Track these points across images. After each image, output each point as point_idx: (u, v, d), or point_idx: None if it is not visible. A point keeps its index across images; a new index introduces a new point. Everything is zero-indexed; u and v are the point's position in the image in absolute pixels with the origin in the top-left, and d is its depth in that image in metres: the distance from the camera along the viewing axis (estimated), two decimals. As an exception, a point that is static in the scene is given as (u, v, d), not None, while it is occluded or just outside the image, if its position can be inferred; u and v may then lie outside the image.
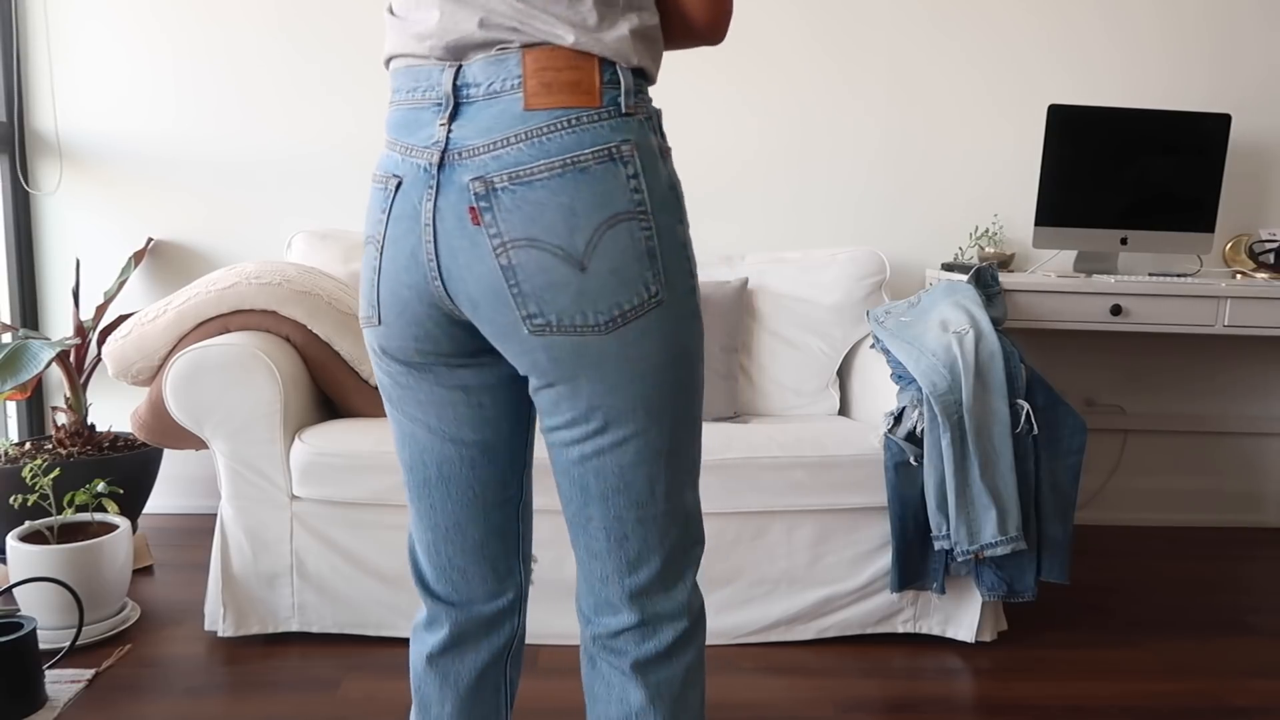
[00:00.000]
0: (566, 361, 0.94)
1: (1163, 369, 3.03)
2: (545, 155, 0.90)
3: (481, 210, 0.91)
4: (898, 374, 2.16)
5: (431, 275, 0.96)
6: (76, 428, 2.50)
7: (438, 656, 1.14)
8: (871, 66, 2.83)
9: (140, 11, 2.71)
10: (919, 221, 2.92)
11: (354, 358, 2.19)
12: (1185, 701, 1.95)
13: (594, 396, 0.96)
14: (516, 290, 0.92)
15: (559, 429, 1.00)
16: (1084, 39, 2.84)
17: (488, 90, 0.91)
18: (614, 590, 1.05)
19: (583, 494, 1.02)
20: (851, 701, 1.90)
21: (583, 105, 0.91)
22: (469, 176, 0.91)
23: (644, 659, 1.05)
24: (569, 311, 0.92)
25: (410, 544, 1.16)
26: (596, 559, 1.05)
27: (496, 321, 0.95)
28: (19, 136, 2.73)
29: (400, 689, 1.89)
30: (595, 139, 0.90)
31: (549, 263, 0.91)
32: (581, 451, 1.00)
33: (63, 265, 2.81)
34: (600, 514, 1.02)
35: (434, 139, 0.93)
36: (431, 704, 1.15)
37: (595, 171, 0.90)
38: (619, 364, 0.95)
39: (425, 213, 0.94)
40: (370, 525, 2.03)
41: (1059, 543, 2.06)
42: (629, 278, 0.92)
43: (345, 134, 2.79)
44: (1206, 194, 2.69)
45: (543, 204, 0.90)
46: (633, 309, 0.93)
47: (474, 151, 0.91)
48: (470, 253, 0.93)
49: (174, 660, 1.98)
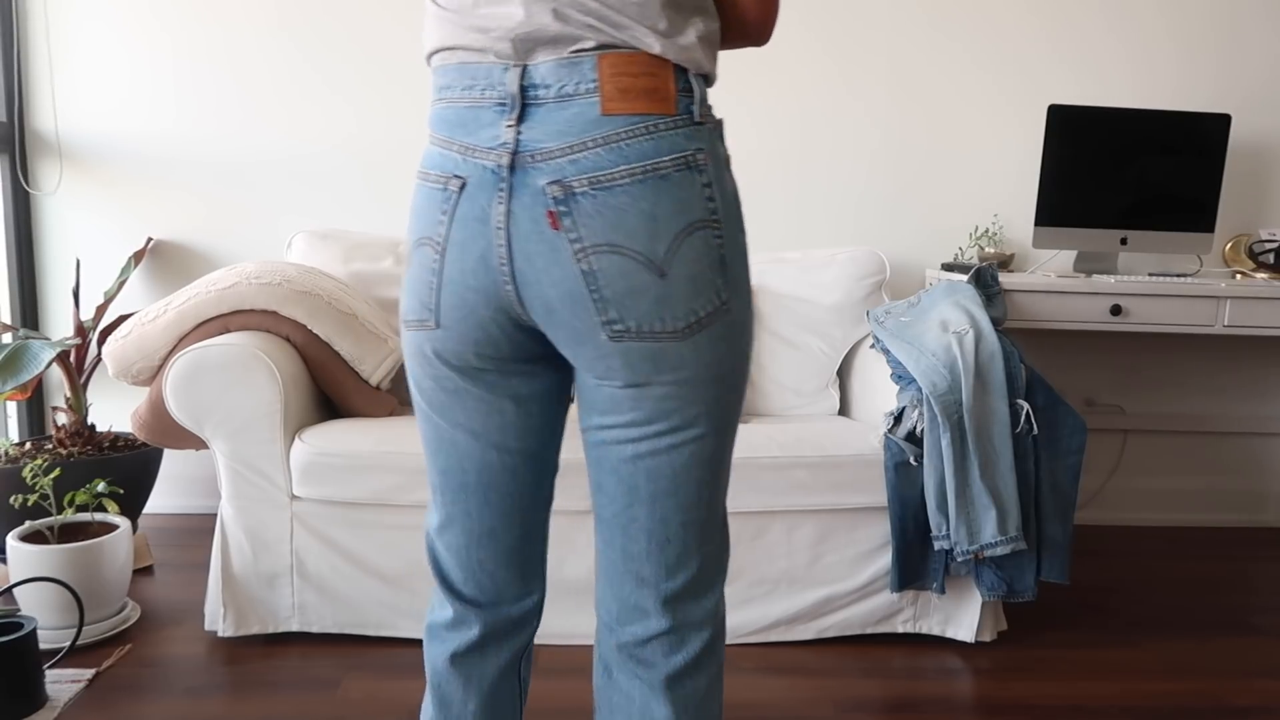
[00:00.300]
0: (640, 366, 0.95)
1: (1163, 369, 3.03)
2: (625, 161, 0.89)
3: (560, 215, 0.90)
4: (898, 374, 2.16)
5: (503, 279, 0.94)
6: (77, 428, 2.50)
7: (462, 656, 1.12)
8: (871, 67, 2.83)
9: (140, 11, 2.71)
10: (919, 221, 2.92)
11: (354, 358, 2.19)
12: (1185, 701, 1.95)
13: (662, 399, 0.96)
14: (597, 295, 0.92)
15: (616, 427, 0.99)
16: (1084, 39, 2.84)
17: (559, 92, 0.90)
18: (648, 594, 1.04)
19: (630, 494, 1.01)
20: (851, 701, 1.90)
21: (659, 112, 0.91)
22: (545, 180, 0.90)
23: (673, 673, 1.05)
24: (648, 317, 0.93)
25: (432, 546, 1.13)
26: (633, 561, 1.04)
27: (572, 327, 0.94)
28: (19, 136, 2.73)
29: (400, 689, 1.89)
30: (673, 147, 0.91)
31: (631, 268, 0.91)
32: (636, 451, 0.99)
33: (63, 265, 2.82)
34: (646, 515, 1.01)
35: (501, 140, 0.91)
36: (454, 703, 1.13)
37: (674, 179, 0.91)
38: (693, 369, 0.96)
39: (497, 216, 0.92)
40: (370, 525, 2.03)
41: (1059, 543, 2.06)
42: (703, 285, 0.93)
43: (346, 134, 2.79)
44: (1206, 194, 2.69)
45: (624, 210, 0.90)
46: (706, 316, 0.94)
47: (548, 154, 0.90)
48: (548, 257, 0.92)
49: (174, 660, 1.98)
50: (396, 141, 2.80)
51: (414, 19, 2.74)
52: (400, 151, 2.80)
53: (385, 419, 2.16)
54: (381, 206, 2.82)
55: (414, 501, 2.01)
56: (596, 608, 1.10)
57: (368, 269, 2.55)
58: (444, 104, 0.97)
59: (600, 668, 1.10)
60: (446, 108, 0.96)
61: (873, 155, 2.88)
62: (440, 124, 0.97)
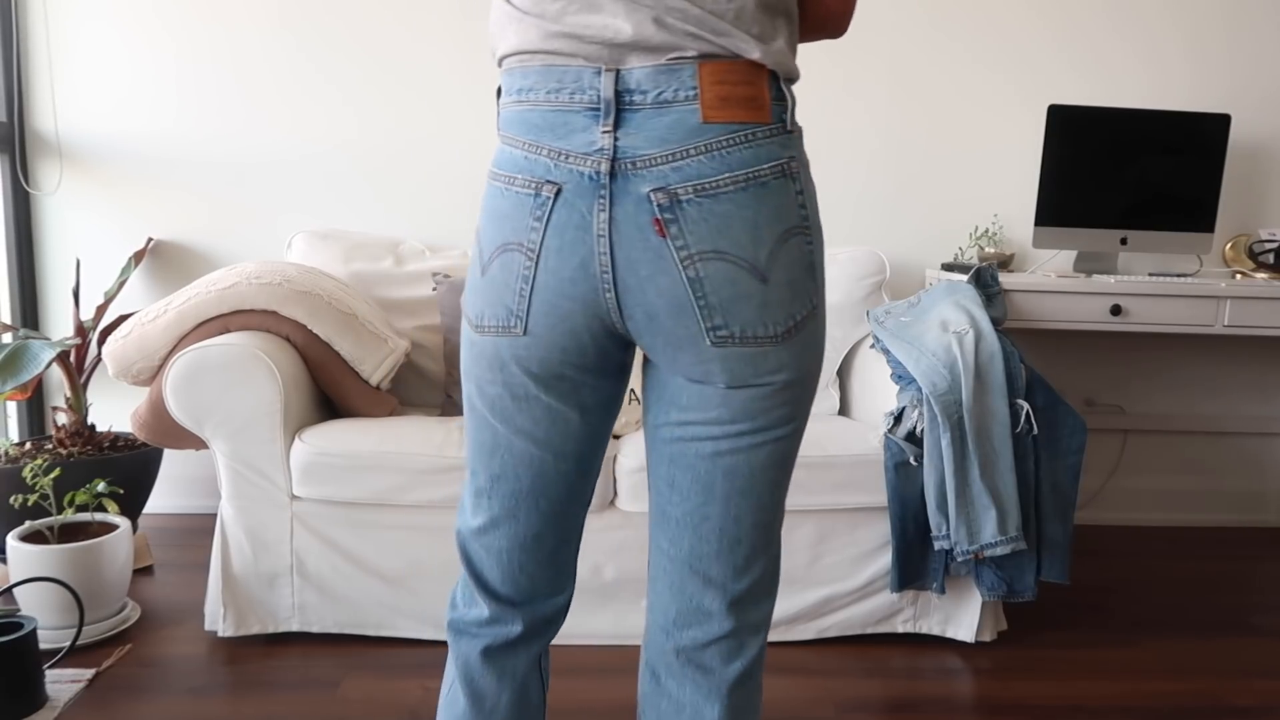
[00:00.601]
0: (740, 370, 0.96)
1: (1163, 369, 3.04)
2: (729, 169, 0.90)
3: (667, 222, 0.91)
4: (898, 374, 2.16)
5: (604, 287, 0.94)
6: (77, 428, 2.50)
7: (497, 651, 1.12)
8: (871, 67, 2.83)
9: (141, 11, 2.71)
10: (919, 221, 2.92)
11: (354, 358, 2.19)
12: (1185, 701, 1.95)
13: (751, 399, 0.97)
14: (703, 302, 0.93)
15: (697, 424, 0.99)
16: (1083, 39, 2.85)
17: (657, 99, 0.90)
18: (713, 596, 1.04)
19: (705, 492, 1.01)
20: (851, 701, 1.90)
21: (757, 121, 0.91)
22: (648, 187, 0.90)
23: (732, 680, 1.05)
24: (751, 323, 0.94)
25: (466, 546, 1.11)
26: (700, 561, 1.04)
27: (674, 334, 0.95)
28: (19, 136, 2.73)
29: (400, 689, 1.89)
30: (770, 155, 0.92)
31: (736, 275, 0.92)
32: (717, 448, 0.99)
33: (63, 265, 2.82)
34: (720, 514, 1.01)
35: (598, 146, 0.91)
36: (487, 696, 1.12)
37: (773, 186, 0.92)
38: (788, 372, 0.97)
39: (599, 223, 0.92)
40: (370, 525, 2.03)
41: (1059, 543, 2.06)
42: (799, 290, 0.96)
43: (346, 134, 2.79)
44: (1206, 194, 2.69)
45: (729, 217, 0.91)
46: (800, 320, 0.97)
47: (650, 161, 0.90)
48: (653, 265, 0.92)
49: (174, 660, 1.98)
50: (396, 142, 2.80)
51: (415, 19, 2.74)
52: (400, 152, 2.80)
53: (385, 419, 2.16)
54: (382, 207, 2.82)
55: (414, 501, 2.01)
56: (650, 611, 1.10)
57: (368, 269, 2.55)
58: (525, 106, 0.95)
59: (648, 674, 1.10)
60: (529, 110, 0.94)
61: (873, 155, 2.88)
62: (522, 126, 0.95)
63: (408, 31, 2.75)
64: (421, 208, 2.83)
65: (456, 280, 2.48)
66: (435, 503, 2.01)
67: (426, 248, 2.68)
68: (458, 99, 2.78)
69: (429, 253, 2.65)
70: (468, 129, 2.80)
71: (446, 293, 2.47)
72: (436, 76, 2.77)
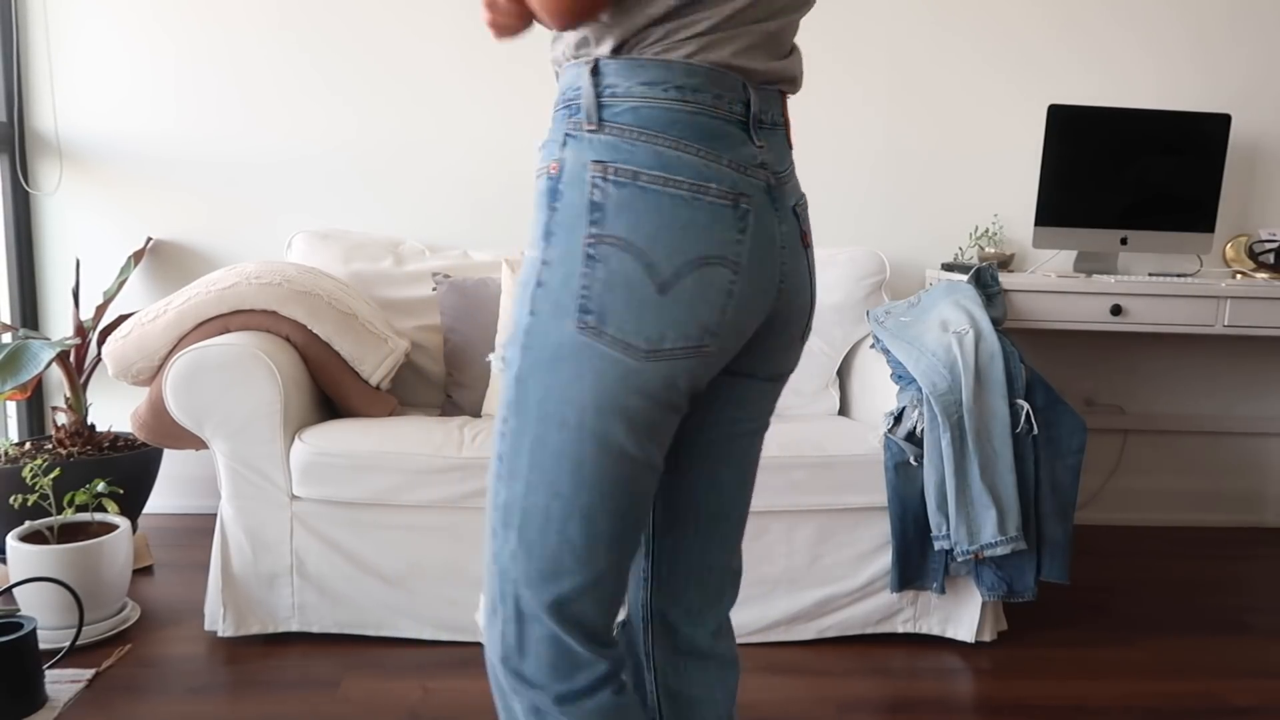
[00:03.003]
0: (793, 362, 1.09)
1: (1163, 369, 3.04)
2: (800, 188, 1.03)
3: (808, 233, 1.02)
4: (898, 374, 2.16)
5: (775, 297, 0.97)
6: (76, 428, 2.50)
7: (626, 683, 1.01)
8: (872, 67, 2.83)
9: (141, 11, 2.71)
10: (919, 221, 2.92)
11: (354, 358, 2.19)
12: (1185, 702, 1.95)
13: (775, 393, 1.10)
14: (814, 306, 1.06)
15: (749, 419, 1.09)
16: (1084, 39, 2.85)
17: (771, 120, 0.96)
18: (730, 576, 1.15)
19: (746, 480, 1.12)
20: (851, 701, 1.90)
21: None
22: (791, 201, 0.98)
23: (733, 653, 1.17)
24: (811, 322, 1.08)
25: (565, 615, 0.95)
26: (729, 539, 1.13)
27: (792, 335, 1.04)
28: (19, 136, 2.73)
29: (400, 689, 1.89)
30: None
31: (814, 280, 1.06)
32: (756, 441, 1.12)
33: (63, 265, 2.81)
34: (745, 499, 1.14)
35: (757, 160, 0.93)
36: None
37: None
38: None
39: (780, 235, 0.95)
40: (370, 525, 2.03)
41: (1059, 543, 2.06)
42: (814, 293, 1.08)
43: (346, 134, 2.79)
44: (1206, 194, 2.69)
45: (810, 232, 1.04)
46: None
47: (783, 178, 0.97)
48: (803, 274, 1.01)
49: (174, 660, 1.98)
50: (396, 142, 2.80)
51: (415, 20, 2.74)
52: (400, 152, 2.80)
53: (385, 419, 2.16)
54: (381, 207, 2.82)
55: (414, 501, 2.01)
56: (654, 619, 1.13)
57: (368, 269, 2.55)
58: (692, 108, 0.90)
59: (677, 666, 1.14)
60: (697, 113, 0.90)
61: (873, 156, 2.88)
62: (693, 131, 0.90)
63: (408, 32, 2.75)
64: (421, 208, 2.83)
65: (456, 280, 2.48)
66: (435, 503, 2.01)
67: (426, 248, 2.68)
68: (458, 99, 2.78)
69: (429, 253, 2.65)
70: (468, 129, 2.80)
71: (447, 293, 2.47)
72: (437, 77, 2.77)
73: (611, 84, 0.90)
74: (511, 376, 0.92)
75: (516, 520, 0.93)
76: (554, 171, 0.91)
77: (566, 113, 0.92)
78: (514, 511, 0.93)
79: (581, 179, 0.89)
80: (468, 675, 1.95)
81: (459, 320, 2.44)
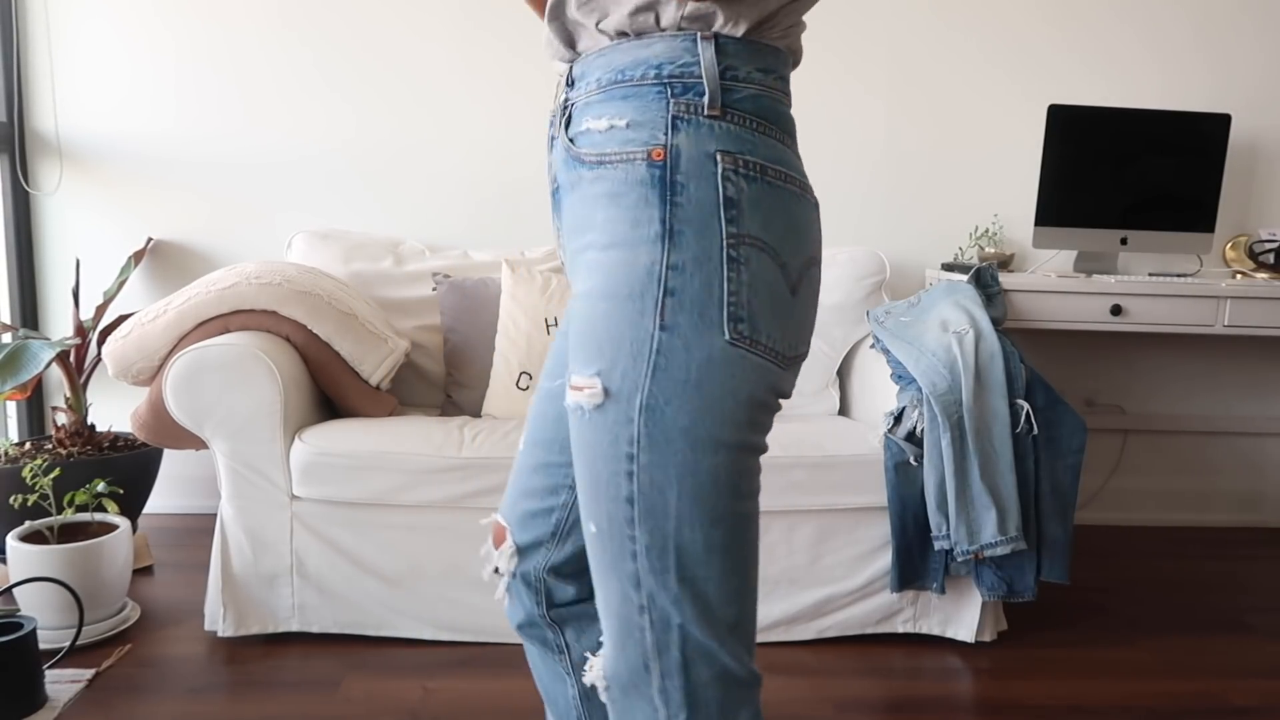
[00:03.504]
0: None
1: (1163, 369, 3.04)
2: None
3: None
4: (898, 374, 2.16)
5: None
6: (76, 428, 2.50)
7: None
8: (872, 66, 2.83)
9: (141, 11, 2.71)
10: (919, 221, 2.92)
11: (354, 358, 2.19)
12: (1185, 701, 1.95)
13: None
14: None
15: None
16: (1084, 39, 2.85)
17: None
18: None
19: None
20: (851, 701, 1.90)
21: None
22: None
23: None
24: None
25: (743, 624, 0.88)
26: None
27: None
28: (19, 136, 2.73)
29: (400, 689, 1.89)
30: None
31: None
32: None
33: (63, 265, 2.81)
34: None
35: None
36: None
37: None
38: None
39: None
40: (370, 525, 2.03)
41: (1059, 543, 2.06)
42: None
43: (346, 134, 2.79)
44: (1206, 194, 2.69)
45: None
46: None
47: None
48: None
49: (174, 660, 1.98)
50: (396, 142, 2.80)
51: (415, 20, 2.74)
52: (400, 152, 2.80)
53: (385, 419, 2.16)
54: (381, 207, 2.82)
55: (414, 501, 2.01)
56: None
57: (368, 269, 2.55)
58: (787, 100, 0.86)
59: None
60: (788, 106, 0.86)
61: (873, 156, 2.88)
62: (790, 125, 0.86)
63: (409, 31, 2.75)
64: (422, 208, 2.83)
65: (456, 280, 2.48)
66: (435, 503, 2.01)
67: (426, 248, 2.68)
68: (458, 99, 2.78)
69: (429, 253, 2.65)
70: (468, 129, 2.80)
71: (447, 293, 2.47)
72: (437, 76, 2.77)
73: (734, 66, 0.81)
74: (632, 407, 0.80)
75: (673, 560, 0.83)
76: (659, 159, 0.80)
77: (665, 90, 0.81)
78: (668, 553, 0.83)
79: (708, 171, 0.80)
80: (468, 675, 1.95)
81: (459, 320, 2.44)
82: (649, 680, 0.86)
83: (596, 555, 0.86)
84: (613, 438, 0.81)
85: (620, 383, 0.80)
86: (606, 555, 0.85)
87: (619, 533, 0.84)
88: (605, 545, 0.85)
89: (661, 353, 0.79)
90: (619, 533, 0.84)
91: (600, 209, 0.83)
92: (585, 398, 0.82)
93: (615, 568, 0.85)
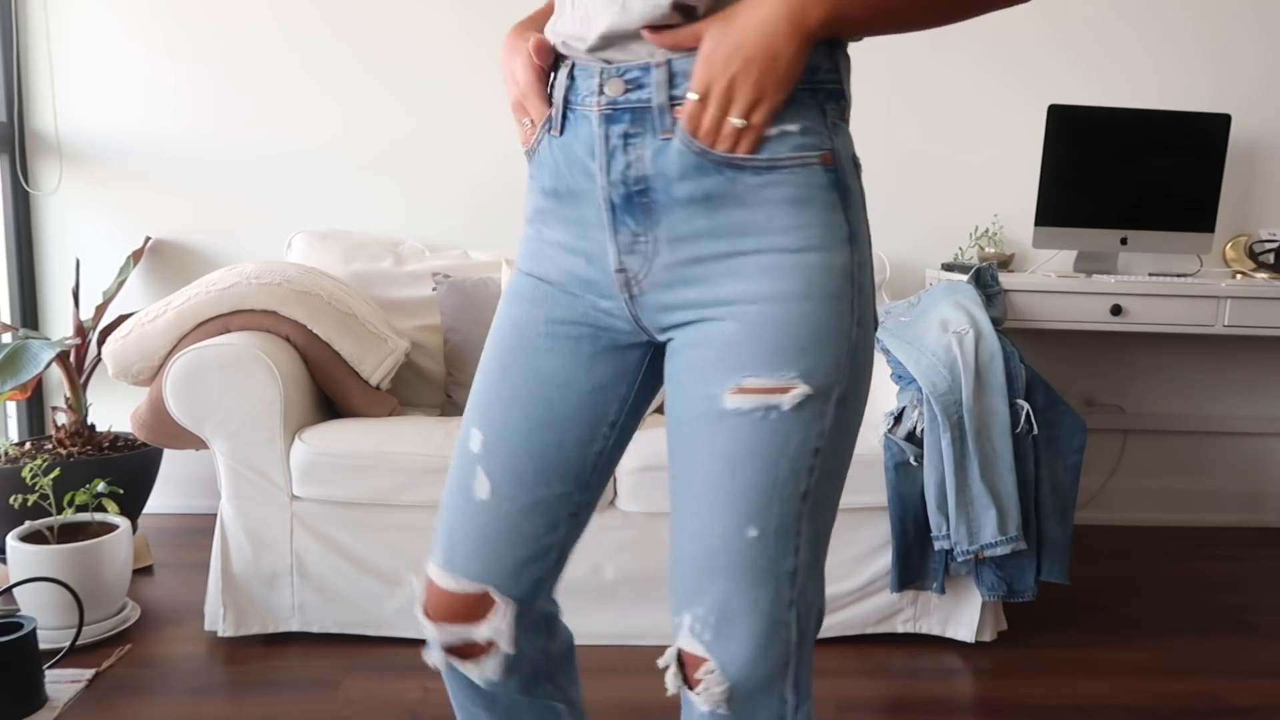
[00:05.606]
0: None
1: (1163, 369, 3.03)
2: None
3: None
4: (898, 374, 2.16)
5: None
6: (76, 428, 2.50)
7: None
8: (872, 66, 2.83)
9: (140, 12, 2.71)
10: (919, 222, 2.92)
11: (354, 358, 2.19)
12: (1185, 701, 1.95)
13: None
14: None
15: None
16: (1084, 39, 2.85)
17: None
18: None
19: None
20: (851, 701, 1.90)
21: None
22: None
23: None
24: None
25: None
26: None
27: None
28: (19, 136, 2.73)
29: (400, 689, 1.89)
30: None
31: None
32: None
33: (63, 265, 2.81)
34: None
35: None
36: None
37: None
38: None
39: None
40: (370, 525, 2.03)
41: (1059, 543, 2.06)
42: None
43: (345, 134, 2.79)
44: (1206, 194, 2.69)
45: None
46: None
47: None
48: None
49: (174, 660, 1.98)
50: (396, 142, 2.80)
51: (414, 21, 2.74)
52: (400, 152, 2.80)
53: (385, 419, 2.16)
54: (382, 207, 2.82)
55: (414, 501, 2.01)
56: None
57: (368, 269, 2.55)
58: None
59: None
60: None
61: (873, 155, 2.88)
62: None
63: (409, 31, 2.75)
64: (421, 208, 2.83)
65: (456, 280, 2.48)
66: (435, 503, 2.01)
67: (426, 248, 2.68)
68: (458, 99, 2.78)
69: (429, 253, 2.65)
70: (468, 129, 2.80)
71: (447, 293, 2.47)
72: (437, 76, 2.77)
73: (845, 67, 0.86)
74: (828, 402, 0.82)
75: (822, 548, 0.86)
76: (829, 163, 0.82)
77: (822, 97, 0.82)
78: (821, 541, 0.85)
79: (853, 174, 0.84)
80: (468, 675, 1.95)
81: (459, 320, 2.44)
82: (785, 675, 0.84)
83: (750, 559, 0.82)
84: (804, 435, 0.81)
85: (823, 380, 0.81)
86: (765, 557, 0.82)
87: (787, 530, 0.82)
88: (766, 547, 0.82)
89: (860, 350, 0.84)
90: (787, 530, 0.82)
91: (783, 214, 0.81)
92: (787, 399, 0.81)
93: (774, 567, 0.83)
